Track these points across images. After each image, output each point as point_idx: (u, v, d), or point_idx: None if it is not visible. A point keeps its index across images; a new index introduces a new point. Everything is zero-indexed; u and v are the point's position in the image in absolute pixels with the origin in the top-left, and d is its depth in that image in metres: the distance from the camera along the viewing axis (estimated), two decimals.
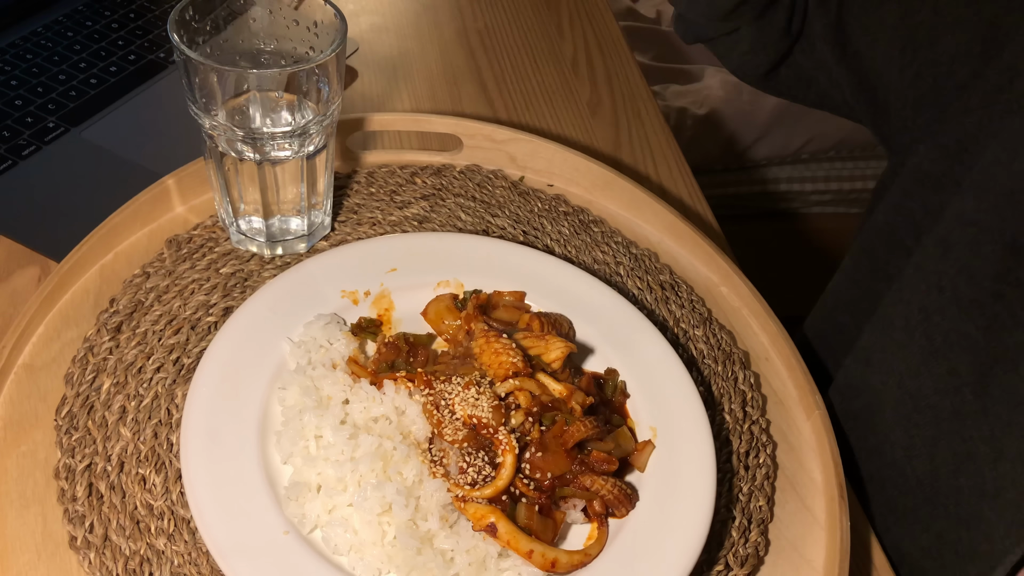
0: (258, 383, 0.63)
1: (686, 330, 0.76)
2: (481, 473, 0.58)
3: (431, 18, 1.16)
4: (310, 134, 0.68)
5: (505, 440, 0.59)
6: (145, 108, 0.93)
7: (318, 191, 0.74)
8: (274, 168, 0.69)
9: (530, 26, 1.18)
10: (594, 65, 1.13)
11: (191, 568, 0.57)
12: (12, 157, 0.84)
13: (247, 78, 0.66)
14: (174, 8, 0.64)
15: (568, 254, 0.81)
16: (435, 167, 0.87)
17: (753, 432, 0.70)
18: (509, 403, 0.62)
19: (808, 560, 0.64)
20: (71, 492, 0.59)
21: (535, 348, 0.65)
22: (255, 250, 0.76)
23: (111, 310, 0.70)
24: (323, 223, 0.77)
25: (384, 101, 1.01)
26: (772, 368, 0.76)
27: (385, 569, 0.56)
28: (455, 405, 0.60)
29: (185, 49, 0.62)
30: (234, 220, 0.74)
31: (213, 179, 0.72)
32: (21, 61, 0.95)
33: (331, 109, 0.68)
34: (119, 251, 0.75)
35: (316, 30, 0.68)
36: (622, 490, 0.60)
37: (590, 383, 0.65)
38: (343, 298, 0.70)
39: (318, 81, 0.65)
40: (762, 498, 0.66)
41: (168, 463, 0.61)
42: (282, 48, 0.70)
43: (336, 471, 0.58)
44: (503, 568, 0.57)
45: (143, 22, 1.04)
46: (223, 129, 0.66)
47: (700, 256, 0.83)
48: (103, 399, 0.64)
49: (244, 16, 0.69)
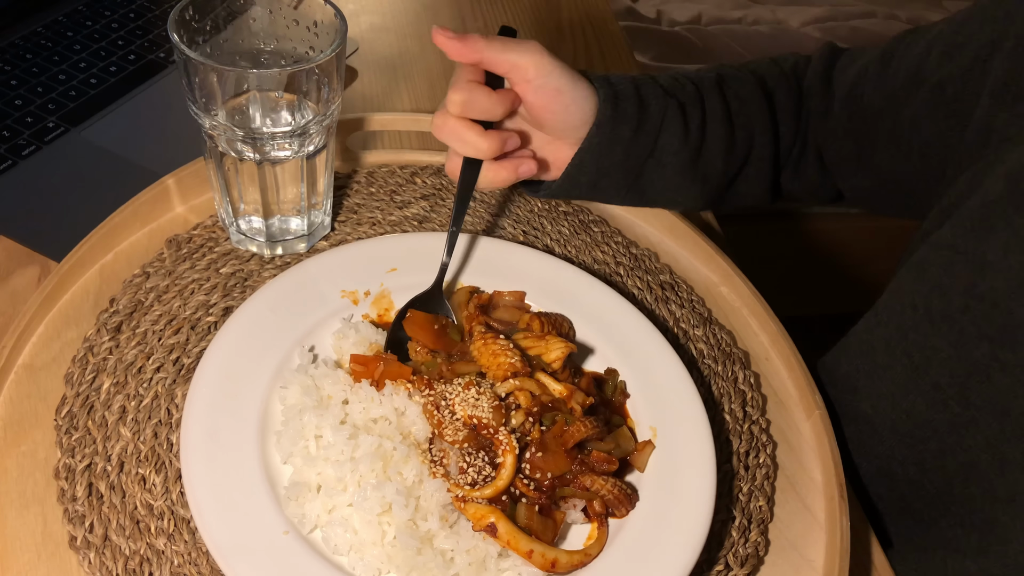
0: (258, 383, 0.63)
1: (686, 330, 0.76)
2: (481, 473, 0.58)
3: (431, 18, 1.16)
4: (310, 134, 0.68)
5: (505, 440, 0.59)
6: (145, 108, 0.93)
7: (318, 191, 0.74)
8: (274, 168, 0.69)
9: (530, 26, 1.18)
10: (594, 65, 1.13)
11: (191, 568, 0.57)
12: (12, 157, 0.84)
13: (247, 78, 0.66)
14: (174, 8, 0.64)
15: (568, 254, 0.81)
16: (435, 167, 0.87)
17: (753, 432, 0.70)
18: (509, 403, 0.62)
19: (808, 560, 0.64)
20: (71, 492, 0.59)
21: (535, 348, 0.65)
22: (255, 250, 0.76)
23: (111, 310, 0.70)
24: (323, 223, 0.77)
25: (384, 101, 1.01)
26: (772, 368, 0.76)
27: (385, 569, 0.56)
28: (455, 405, 0.61)
29: (185, 49, 0.62)
30: (234, 220, 0.74)
31: (213, 179, 0.72)
32: (21, 61, 0.95)
33: (331, 109, 0.68)
34: (119, 251, 0.75)
35: (316, 30, 0.68)
36: (622, 490, 0.60)
37: (590, 383, 0.65)
38: (343, 298, 0.70)
39: (318, 81, 0.65)
40: (762, 498, 0.66)
41: (168, 463, 0.61)
42: (282, 48, 0.70)
43: (336, 471, 0.58)
44: (503, 568, 0.57)
45: (143, 22, 1.04)
46: (223, 129, 0.66)
47: (700, 256, 0.83)
48: (103, 399, 0.64)
49: (244, 16, 0.69)
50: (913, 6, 2.15)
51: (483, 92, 0.67)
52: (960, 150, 0.72)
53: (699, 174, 0.78)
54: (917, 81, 0.75)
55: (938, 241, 0.70)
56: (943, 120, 0.73)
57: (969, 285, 0.65)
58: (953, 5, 2.14)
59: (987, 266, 0.64)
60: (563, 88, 0.69)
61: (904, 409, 0.71)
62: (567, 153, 0.74)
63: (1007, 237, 0.64)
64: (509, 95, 0.69)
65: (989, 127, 0.69)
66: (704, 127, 0.77)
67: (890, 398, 0.72)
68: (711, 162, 0.77)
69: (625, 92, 0.73)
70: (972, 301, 0.65)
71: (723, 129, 0.77)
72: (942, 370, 0.67)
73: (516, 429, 0.60)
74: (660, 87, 0.76)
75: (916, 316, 0.70)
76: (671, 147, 0.75)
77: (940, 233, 0.70)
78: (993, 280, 0.64)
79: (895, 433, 0.72)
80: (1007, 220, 0.64)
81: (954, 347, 0.66)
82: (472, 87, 0.67)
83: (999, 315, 0.63)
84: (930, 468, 0.70)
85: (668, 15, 2.06)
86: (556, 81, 0.69)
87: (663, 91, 0.75)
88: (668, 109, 0.74)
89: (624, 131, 0.72)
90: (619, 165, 0.74)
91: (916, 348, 0.69)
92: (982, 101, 0.69)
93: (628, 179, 0.76)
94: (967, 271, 0.66)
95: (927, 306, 0.69)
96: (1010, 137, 0.67)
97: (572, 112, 0.70)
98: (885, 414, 0.73)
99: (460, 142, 0.68)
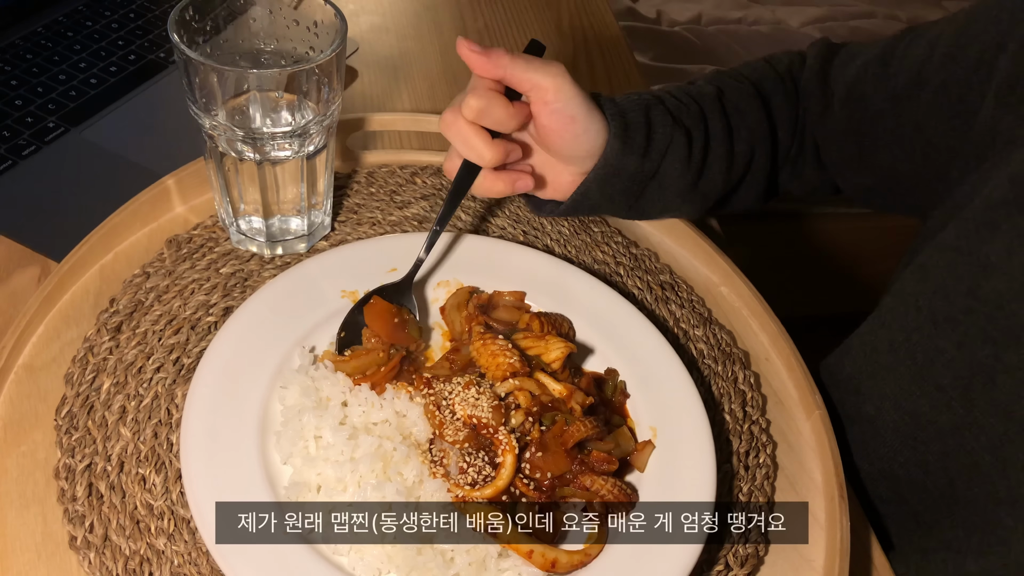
0: (258, 383, 0.63)
1: (686, 330, 0.76)
2: (481, 473, 0.58)
3: (431, 18, 1.16)
4: (310, 134, 0.68)
5: (505, 440, 0.59)
6: (145, 108, 0.93)
7: (318, 191, 0.74)
8: (274, 168, 0.69)
9: (530, 26, 1.18)
10: (594, 65, 1.13)
11: (191, 568, 0.57)
12: (12, 157, 0.84)
13: (247, 78, 0.66)
14: (174, 8, 0.64)
15: (568, 254, 0.81)
16: (435, 167, 0.87)
17: (753, 432, 0.70)
18: (509, 403, 0.62)
19: (808, 560, 0.64)
20: (71, 492, 0.59)
21: (535, 348, 0.65)
22: (255, 250, 0.76)
23: (111, 310, 0.70)
24: (323, 223, 0.77)
25: (384, 101, 1.01)
26: (772, 368, 0.76)
27: (385, 569, 0.56)
28: (455, 405, 0.61)
29: (185, 49, 0.62)
30: (234, 220, 0.74)
31: (213, 179, 0.72)
32: (21, 61, 0.95)
33: (331, 109, 0.68)
34: (119, 251, 0.75)
35: (316, 30, 0.68)
36: (622, 490, 0.60)
37: (590, 383, 0.65)
38: (343, 298, 0.70)
39: (318, 81, 0.65)
40: (762, 498, 0.66)
41: (168, 463, 0.61)
42: (282, 48, 0.70)
43: (336, 471, 0.58)
44: (503, 568, 0.57)
45: (143, 22, 1.04)
46: (223, 129, 0.66)
47: (700, 256, 0.83)
48: (103, 399, 0.64)
49: (244, 16, 0.69)
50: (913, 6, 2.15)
51: (501, 103, 0.67)
52: (965, 151, 0.72)
53: (699, 194, 0.78)
54: (920, 82, 0.75)
55: (942, 243, 0.70)
56: (947, 121, 0.73)
57: (972, 287, 0.65)
58: (953, 5, 2.14)
59: (990, 268, 0.64)
60: (578, 117, 0.69)
61: (907, 410, 0.71)
62: (566, 177, 0.74)
63: (1011, 239, 0.64)
64: (524, 110, 0.69)
65: (994, 129, 0.69)
66: (707, 150, 0.77)
67: (893, 399, 0.72)
68: (711, 180, 0.77)
69: (635, 122, 0.72)
70: (975, 303, 0.65)
71: (723, 149, 0.77)
72: (945, 372, 0.67)
73: (516, 429, 0.60)
74: (668, 112, 0.75)
75: (920, 317, 0.70)
76: (674, 172, 0.75)
77: (943, 235, 0.70)
78: (997, 282, 0.64)
79: (898, 435, 0.72)
80: (1011, 222, 0.64)
81: (957, 348, 0.66)
82: (491, 96, 0.66)
83: (1002, 317, 0.63)
84: (933, 470, 0.70)
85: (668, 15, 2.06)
86: (573, 109, 0.68)
87: (671, 118, 0.75)
88: (674, 136, 0.74)
89: (631, 162, 0.72)
90: (622, 191, 0.74)
91: (920, 350, 0.69)
92: (987, 103, 0.69)
93: (629, 201, 0.76)
94: (970, 273, 0.66)
95: (931, 308, 0.69)
96: (1015, 139, 0.67)
97: (581, 142, 0.70)
98: (888, 415, 0.73)
99: (465, 146, 0.68)
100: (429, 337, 0.71)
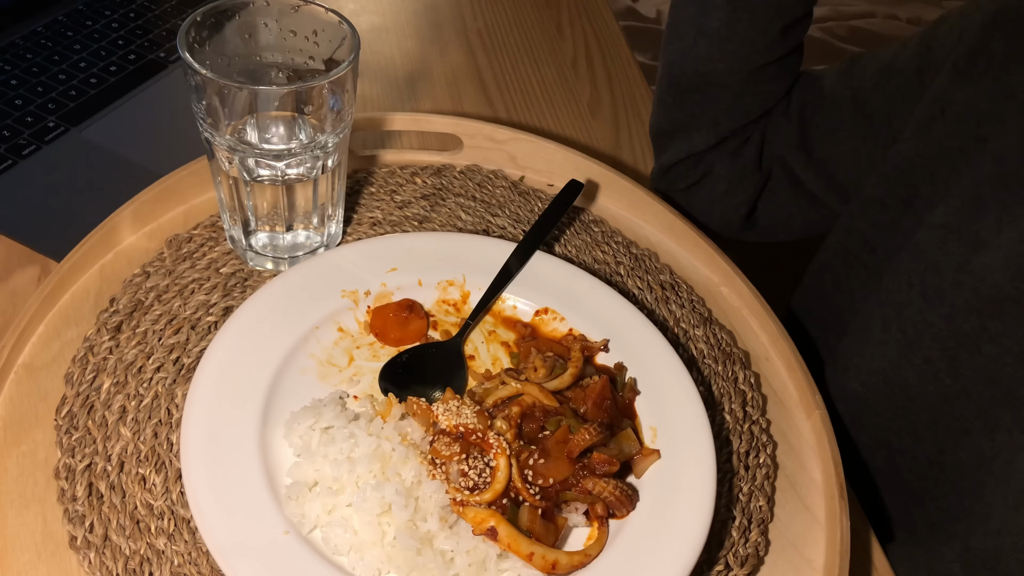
0: (258, 383, 0.63)
1: (686, 330, 0.76)
2: (482, 476, 0.58)
3: (431, 18, 1.16)
4: (326, 149, 0.67)
5: (495, 443, 0.59)
6: (145, 108, 0.93)
7: (332, 203, 0.73)
8: (288, 185, 0.68)
9: (530, 26, 1.18)
10: (594, 65, 1.13)
11: (191, 568, 0.57)
12: (12, 157, 0.84)
13: (259, 95, 0.65)
14: (183, 25, 0.63)
15: (568, 254, 0.81)
16: (435, 167, 0.87)
17: (753, 432, 0.70)
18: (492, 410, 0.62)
19: (808, 560, 0.64)
20: (71, 492, 0.59)
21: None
22: (271, 267, 0.75)
23: (111, 310, 0.70)
24: (336, 233, 0.77)
25: (384, 101, 1.01)
26: (772, 368, 0.76)
27: (385, 569, 0.56)
28: (439, 418, 0.61)
29: (198, 68, 0.61)
30: (247, 246, 0.73)
31: (224, 199, 0.71)
32: (21, 61, 0.95)
33: (344, 125, 0.67)
34: (119, 251, 0.75)
35: (329, 44, 0.67)
36: (623, 491, 0.60)
37: (605, 387, 0.64)
38: (343, 298, 0.70)
39: (331, 97, 0.65)
40: (762, 498, 0.66)
41: (168, 463, 0.61)
42: (294, 63, 0.69)
43: (335, 471, 0.58)
44: (503, 569, 0.57)
45: (143, 22, 1.04)
46: (236, 146, 0.65)
47: (700, 256, 0.83)
48: (103, 399, 0.64)
49: (254, 31, 0.68)
50: (913, 6, 2.15)
51: None
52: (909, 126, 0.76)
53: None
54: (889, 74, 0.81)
55: (931, 221, 0.73)
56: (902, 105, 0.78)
57: (962, 261, 0.69)
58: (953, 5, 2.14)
59: (980, 243, 0.68)
60: None
61: (896, 384, 0.74)
62: None
63: (999, 214, 0.67)
64: None
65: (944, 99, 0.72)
66: None
67: (881, 374, 0.75)
68: None
69: None
70: (964, 276, 0.68)
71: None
72: (933, 344, 0.70)
73: (501, 433, 0.60)
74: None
75: (911, 293, 0.73)
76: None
77: (933, 214, 0.73)
78: (985, 256, 0.67)
79: (888, 406, 0.75)
80: (998, 198, 0.67)
81: (945, 321, 0.69)
82: None
83: (987, 288, 0.66)
84: (923, 437, 0.73)
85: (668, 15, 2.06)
86: None
87: None
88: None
89: None
90: None
91: (910, 324, 0.73)
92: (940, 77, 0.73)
93: None
94: (960, 248, 0.69)
95: (922, 283, 0.72)
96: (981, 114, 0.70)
97: None
98: (877, 390, 0.76)
99: None
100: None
